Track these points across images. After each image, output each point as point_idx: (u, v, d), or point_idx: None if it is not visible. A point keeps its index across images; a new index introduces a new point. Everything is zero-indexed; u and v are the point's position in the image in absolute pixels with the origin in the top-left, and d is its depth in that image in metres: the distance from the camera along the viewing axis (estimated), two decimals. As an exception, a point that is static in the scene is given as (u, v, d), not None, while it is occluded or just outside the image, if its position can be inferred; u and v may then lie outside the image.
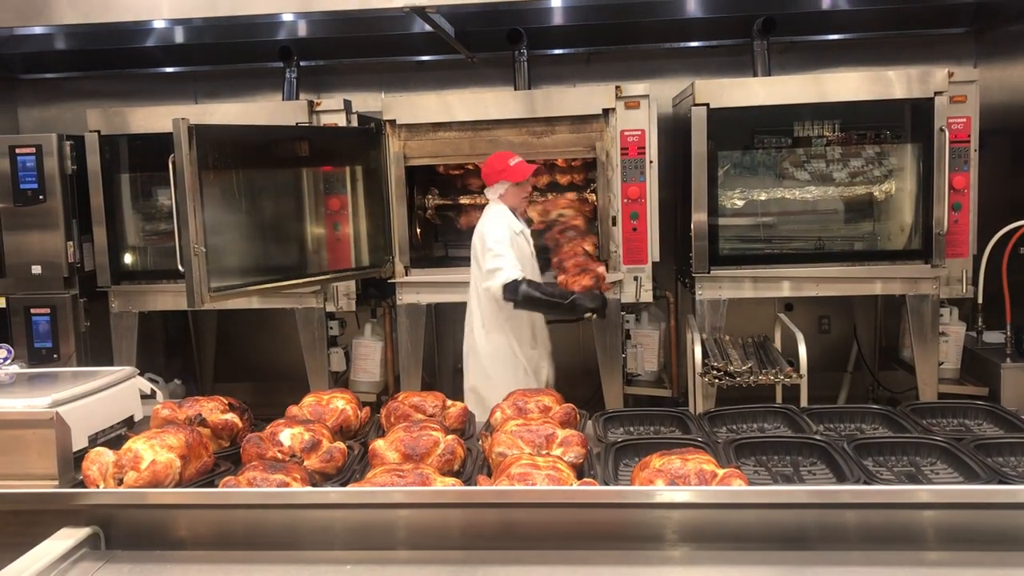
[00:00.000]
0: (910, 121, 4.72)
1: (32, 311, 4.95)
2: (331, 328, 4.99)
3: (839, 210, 4.94)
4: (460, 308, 5.75)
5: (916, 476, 2.25)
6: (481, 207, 5.15)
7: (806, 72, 5.05)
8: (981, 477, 2.11)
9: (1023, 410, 2.71)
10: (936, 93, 4.42)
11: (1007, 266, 4.42)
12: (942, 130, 4.41)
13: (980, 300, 4.67)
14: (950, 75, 4.45)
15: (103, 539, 1.72)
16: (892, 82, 4.47)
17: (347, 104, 4.85)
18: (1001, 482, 2.09)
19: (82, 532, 1.69)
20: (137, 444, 2.22)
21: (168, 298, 4.98)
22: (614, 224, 4.65)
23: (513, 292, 3.92)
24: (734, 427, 2.69)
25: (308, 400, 2.73)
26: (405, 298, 4.80)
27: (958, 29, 5.28)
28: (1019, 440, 2.39)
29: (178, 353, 5.87)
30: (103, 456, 2.21)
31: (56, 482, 2.26)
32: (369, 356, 5.17)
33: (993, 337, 4.71)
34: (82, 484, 2.21)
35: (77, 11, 4.41)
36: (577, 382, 5.17)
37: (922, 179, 4.58)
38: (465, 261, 5.26)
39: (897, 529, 1.66)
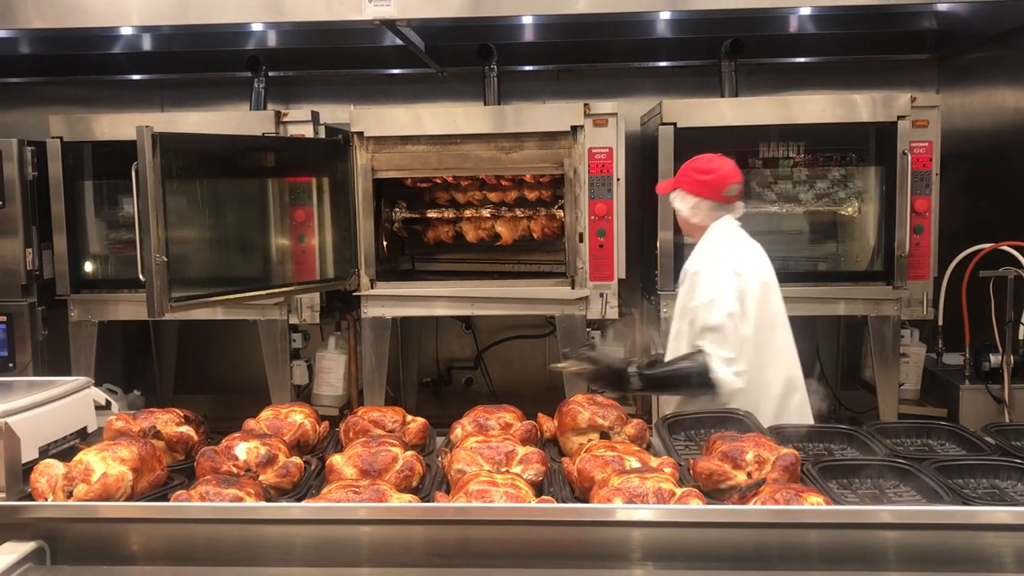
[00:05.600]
0: (874, 144, 4.78)
1: (-12, 319, 4.85)
2: (294, 341, 4.91)
3: (804, 231, 4.98)
4: (426, 322, 5.75)
5: (879, 497, 2.26)
6: (449, 221, 5.15)
7: (773, 94, 5.10)
8: (943, 499, 2.12)
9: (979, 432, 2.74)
10: (899, 117, 4.48)
11: (967, 289, 4.47)
12: (905, 153, 4.46)
13: (940, 322, 4.72)
14: (913, 100, 4.51)
15: (48, 553, 1.68)
16: (857, 105, 4.53)
17: (315, 115, 4.81)
18: (962, 504, 2.10)
19: (26, 547, 1.64)
20: (88, 456, 2.16)
21: (129, 308, 4.88)
22: (581, 241, 4.64)
23: None
24: (692, 432, 2.71)
25: (266, 414, 2.69)
26: (370, 311, 4.75)
27: (921, 55, 5.36)
28: (979, 462, 2.41)
29: (138, 364, 5.76)
30: (52, 468, 2.15)
31: (3, 494, 2.20)
32: (332, 370, 5.10)
33: (953, 359, 4.76)
34: (30, 497, 2.15)
35: (43, 16, 4.33)
36: (541, 399, 5.12)
37: (885, 201, 4.63)
38: (432, 276, 5.25)
39: (858, 550, 1.67)
